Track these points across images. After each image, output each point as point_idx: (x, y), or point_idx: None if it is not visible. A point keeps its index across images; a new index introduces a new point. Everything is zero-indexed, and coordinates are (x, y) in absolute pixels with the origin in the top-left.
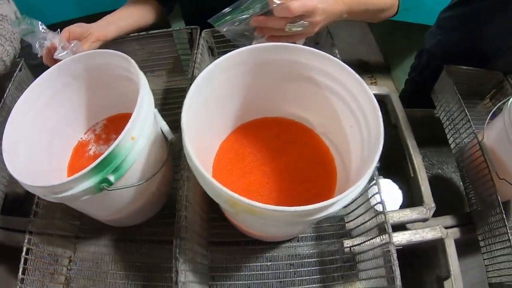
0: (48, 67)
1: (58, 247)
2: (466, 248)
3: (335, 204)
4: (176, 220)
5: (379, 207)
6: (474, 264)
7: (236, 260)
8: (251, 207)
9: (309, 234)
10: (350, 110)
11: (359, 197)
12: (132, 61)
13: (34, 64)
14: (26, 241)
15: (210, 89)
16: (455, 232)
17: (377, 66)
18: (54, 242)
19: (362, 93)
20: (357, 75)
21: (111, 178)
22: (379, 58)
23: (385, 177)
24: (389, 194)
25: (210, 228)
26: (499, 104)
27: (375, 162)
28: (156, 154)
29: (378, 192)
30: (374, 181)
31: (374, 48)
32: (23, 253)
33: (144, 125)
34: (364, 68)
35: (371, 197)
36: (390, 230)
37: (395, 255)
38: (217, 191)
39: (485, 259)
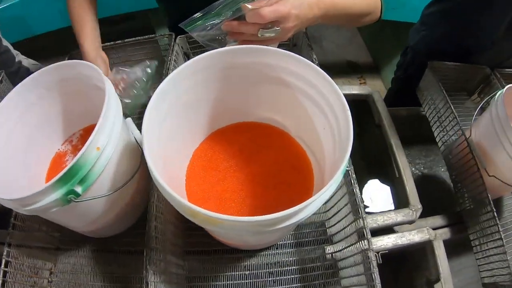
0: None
1: (38, 259)
2: (459, 247)
3: (301, 211)
4: (147, 230)
5: (358, 212)
6: (469, 263)
7: (213, 269)
8: (210, 217)
9: (289, 241)
10: (321, 111)
11: (340, 200)
12: (98, 69)
13: (11, 71)
14: (5, 253)
15: (176, 95)
16: (445, 233)
17: (366, 66)
18: (34, 254)
19: (332, 93)
20: (326, 75)
21: (78, 189)
22: (368, 58)
23: (373, 178)
24: (379, 194)
25: (186, 237)
26: (486, 99)
27: (344, 164)
28: (128, 163)
29: (355, 196)
30: (352, 185)
31: (362, 48)
32: (2, 266)
33: (111, 134)
34: (353, 69)
35: (350, 202)
36: (369, 236)
37: (374, 262)
38: (176, 202)
39: (478, 258)
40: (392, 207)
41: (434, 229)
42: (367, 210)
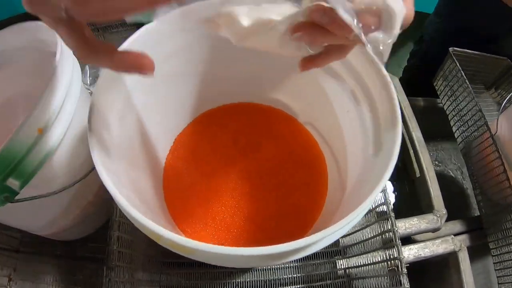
0: None
1: None
2: (472, 252)
3: (312, 246)
4: (107, 242)
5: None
6: (480, 270)
7: (197, 286)
8: (179, 245)
9: None
10: (344, 88)
11: None
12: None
13: None
14: None
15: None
16: (464, 240)
17: None
18: None
19: (364, 62)
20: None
21: (15, 185)
22: None
23: None
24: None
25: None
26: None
27: (389, 171)
28: (87, 152)
29: (386, 204)
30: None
31: None
32: None
33: (61, 111)
34: None
35: (376, 207)
36: (402, 255)
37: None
38: (130, 215)
39: (497, 269)
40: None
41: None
42: None
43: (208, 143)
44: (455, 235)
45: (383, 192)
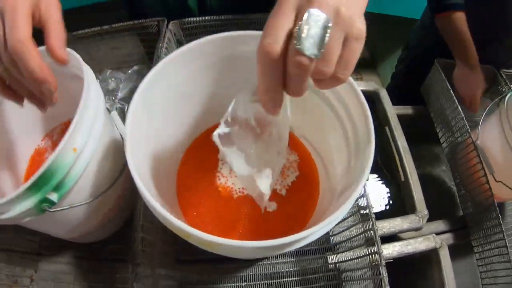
0: None
1: (17, 266)
2: (457, 251)
3: (308, 236)
4: (132, 242)
5: (370, 223)
6: (466, 268)
7: (207, 280)
8: (208, 241)
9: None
10: (332, 109)
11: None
12: (76, 54)
13: None
14: None
15: (168, 85)
16: (447, 238)
17: (362, 61)
18: (13, 261)
19: (348, 92)
20: None
21: (53, 197)
22: (365, 53)
23: (371, 172)
24: (377, 191)
25: (178, 244)
26: (494, 100)
27: (364, 179)
28: (111, 164)
29: (368, 207)
30: (363, 193)
31: None
32: None
33: (91, 133)
34: None
35: (359, 211)
36: (381, 250)
37: (386, 279)
38: (171, 224)
39: (480, 265)
40: (388, 203)
41: (437, 234)
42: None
43: (214, 154)
44: (440, 233)
45: (365, 197)
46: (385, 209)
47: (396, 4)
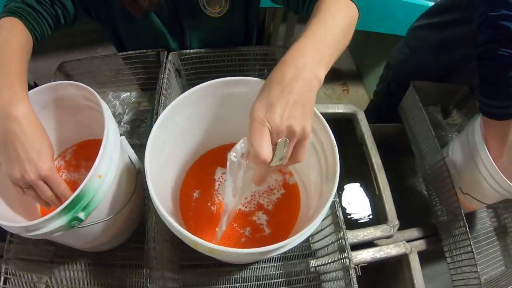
0: None
1: (34, 273)
2: (434, 255)
3: (295, 240)
4: (146, 250)
5: (341, 232)
6: (442, 271)
7: (206, 282)
8: (213, 249)
9: (277, 255)
10: (312, 144)
11: (324, 219)
12: (94, 92)
13: None
14: (3, 270)
15: (175, 123)
16: (421, 244)
17: (349, 74)
18: (30, 268)
19: (323, 131)
20: (317, 112)
21: (81, 215)
22: (351, 66)
23: (352, 182)
24: (357, 199)
25: (181, 253)
26: (462, 122)
27: (330, 200)
28: (125, 185)
29: (339, 219)
30: (336, 208)
31: (347, 56)
32: (1, 283)
33: (111, 161)
34: (336, 76)
35: (333, 223)
36: (351, 255)
37: (355, 279)
38: (183, 236)
39: (451, 268)
40: (369, 211)
41: (410, 240)
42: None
43: (211, 174)
44: (414, 240)
45: (338, 212)
46: (368, 216)
47: (381, 23)
